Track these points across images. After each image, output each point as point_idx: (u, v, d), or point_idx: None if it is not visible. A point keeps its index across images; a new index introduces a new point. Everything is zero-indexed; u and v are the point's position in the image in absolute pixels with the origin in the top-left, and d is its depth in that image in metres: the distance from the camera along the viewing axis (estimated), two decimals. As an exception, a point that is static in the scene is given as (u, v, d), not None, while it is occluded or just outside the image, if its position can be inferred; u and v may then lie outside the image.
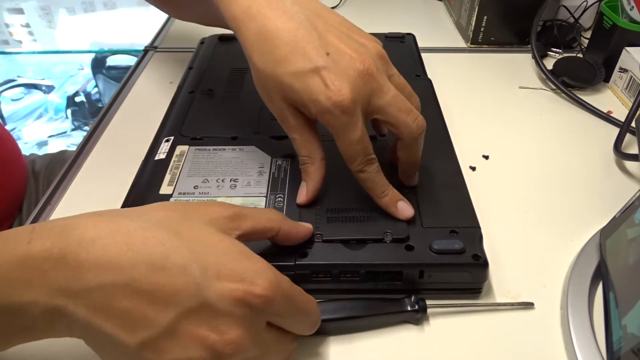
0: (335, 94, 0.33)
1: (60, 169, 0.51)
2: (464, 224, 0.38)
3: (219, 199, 0.40)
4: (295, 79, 0.34)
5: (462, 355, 0.35)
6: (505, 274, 0.40)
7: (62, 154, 0.72)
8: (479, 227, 0.38)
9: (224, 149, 0.46)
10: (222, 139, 0.47)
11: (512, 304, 0.37)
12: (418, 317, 0.36)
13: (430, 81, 0.55)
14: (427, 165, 0.43)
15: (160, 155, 0.45)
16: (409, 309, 0.35)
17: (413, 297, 0.36)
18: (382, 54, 0.37)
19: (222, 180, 0.42)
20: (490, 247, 0.42)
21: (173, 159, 0.45)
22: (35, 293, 0.25)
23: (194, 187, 0.42)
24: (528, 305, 0.37)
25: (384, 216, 0.38)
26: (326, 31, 0.36)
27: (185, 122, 0.49)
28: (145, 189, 0.42)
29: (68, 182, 0.49)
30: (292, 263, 0.36)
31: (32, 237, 0.26)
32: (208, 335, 0.26)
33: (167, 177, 0.43)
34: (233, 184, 0.42)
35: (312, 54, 0.34)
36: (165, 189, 0.42)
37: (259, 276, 0.27)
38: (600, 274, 0.38)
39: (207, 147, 0.46)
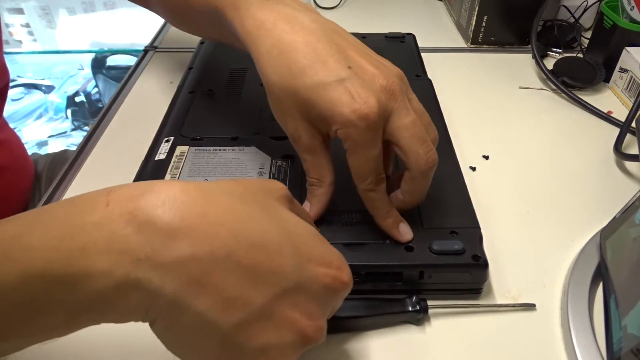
0: (362, 105, 0.31)
1: (61, 169, 0.51)
2: (464, 224, 0.38)
3: None
4: (315, 91, 0.32)
5: (462, 355, 0.35)
6: (505, 274, 0.40)
7: (64, 153, 0.72)
8: (479, 228, 0.38)
9: (224, 150, 0.46)
10: (222, 140, 0.47)
11: (513, 305, 0.37)
12: (419, 317, 0.36)
13: (430, 81, 0.55)
14: None
15: (161, 155, 0.45)
16: (410, 309, 0.35)
17: (414, 298, 0.36)
18: (402, 75, 0.35)
19: None
20: (490, 247, 0.42)
21: (173, 159, 0.45)
22: (111, 261, 0.22)
23: None
24: (529, 307, 0.37)
25: None
26: (346, 47, 0.34)
27: (186, 123, 0.49)
28: None
29: (68, 182, 0.49)
30: None
31: (109, 200, 0.23)
32: (300, 319, 0.25)
33: (167, 178, 0.43)
34: None
35: (334, 66, 0.33)
36: None
37: (342, 263, 0.27)
38: (600, 274, 0.38)
39: (207, 148, 0.46)
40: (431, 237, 0.37)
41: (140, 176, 0.44)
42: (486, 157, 0.51)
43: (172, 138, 0.47)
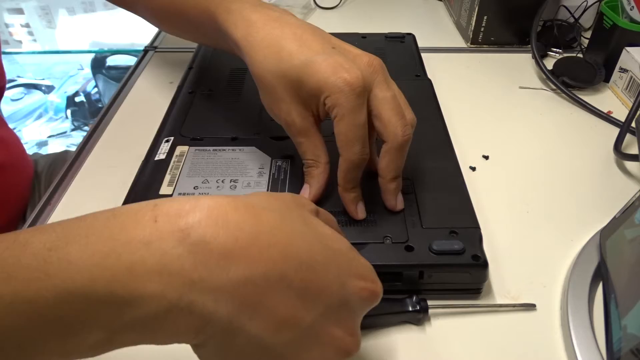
0: (346, 72, 0.34)
1: (61, 169, 0.51)
2: (464, 224, 0.38)
3: None
4: (304, 69, 0.35)
5: (463, 355, 0.35)
6: (505, 274, 0.40)
7: (65, 154, 0.72)
8: (478, 228, 0.38)
9: (224, 150, 0.46)
10: (222, 140, 0.47)
11: (514, 305, 0.37)
12: (419, 317, 0.36)
13: (430, 81, 0.56)
14: (427, 166, 0.43)
15: (160, 155, 0.45)
16: (410, 309, 0.36)
17: (414, 298, 0.36)
18: (382, 62, 0.37)
19: (222, 181, 0.42)
20: (490, 247, 0.42)
21: (173, 159, 0.45)
22: (163, 283, 0.20)
23: (194, 188, 0.42)
24: (530, 307, 0.37)
25: (384, 220, 0.39)
26: (330, 38, 0.38)
27: (186, 123, 0.49)
28: (145, 189, 0.42)
29: (68, 182, 0.49)
30: None
31: (157, 215, 0.22)
32: (342, 336, 0.25)
33: (167, 178, 0.43)
34: (233, 185, 0.42)
35: (319, 47, 0.36)
36: (165, 189, 0.42)
37: (375, 274, 0.28)
38: (600, 274, 0.38)
39: (207, 148, 0.46)
40: (431, 237, 0.37)
41: (140, 176, 0.44)
42: (486, 157, 0.51)
43: (172, 138, 0.47)
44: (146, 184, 0.42)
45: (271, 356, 0.24)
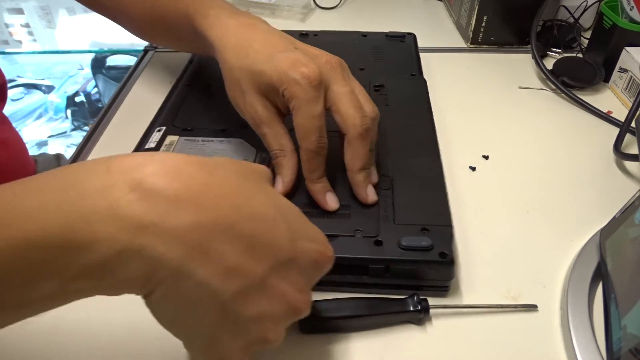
0: (304, 66, 0.37)
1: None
2: (437, 222, 0.38)
3: None
4: (266, 63, 0.38)
5: (463, 355, 0.35)
6: (505, 274, 0.40)
7: (64, 156, 0.72)
8: (450, 226, 0.38)
9: (212, 141, 0.47)
10: (212, 131, 0.48)
11: (515, 306, 0.37)
12: (420, 317, 0.36)
13: (424, 80, 0.56)
14: (409, 163, 0.44)
15: (151, 144, 0.47)
16: (411, 309, 0.36)
17: (415, 298, 0.36)
18: (343, 61, 0.40)
19: None
20: (490, 247, 0.42)
21: (162, 148, 0.46)
22: (115, 227, 0.21)
23: None
24: (531, 308, 0.37)
25: (357, 214, 0.39)
26: (294, 41, 0.41)
27: (179, 114, 0.51)
28: None
29: (68, 183, 0.49)
30: None
31: (110, 168, 0.23)
32: (291, 292, 0.26)
33: None
34: None
35: (282, 47, 0.39)
36: None
37: (326, 240, 0.29)
38: (600, 274, 0.38)
39: (196, 138, 0.47)
40: (402, 233, 0.37)
41: None
42: (486, 157, 0.51)
43: (164, 128, 0.48)
44: None
45: (219, 304, 0.24)
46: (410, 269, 0.36)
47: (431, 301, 0.36)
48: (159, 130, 0.48)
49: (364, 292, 0.37)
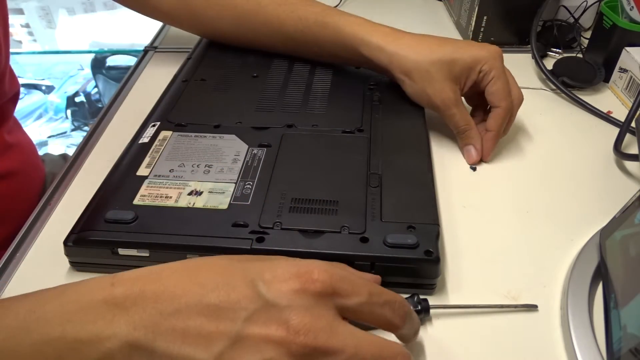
0: (490, 46, 0.48)
1: (61, 169, 0.51)
2: (423, 220, 0.38)
3: (190, 183, 0.42)
4: (456, 51, 0.47)
5: (463, 355, 0.35)
6: (505, 274, 0.40)
7: (67, 155, 0.72)
8: (437, 225, 0.38)
9: (205, 136, 0.47)
10: (205, 127, 0.48)
11: (515, 306, 0.37)
12: (420, 317, 0.36)
13: None
14: (399, 161, 0.44)
15: (144, 139, 0.47)
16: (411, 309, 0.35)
17: (415, 298, 0.36)
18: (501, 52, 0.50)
19: (197, 166, 0.43)
20: (490, 247, 0.42)
21: (155, 143, 0.46)
22: (116, 327, 0.26)
23: (170, 171, 0.43)
24: (531, 308, 0.37)
25: (344, 210, 0.39)
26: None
27: (174, 109, 0.51)
28: (124, 170, 0.44)
29: (68, 182, 0.49)
30: (249, 247, 0.36)
31: (114, 282, 0.28)
32: (274, 332, 0.26)
33: (147, 160, 0.44)
34: (207, 170, 0.43)
35: (449, 40, 0.50)
36: (142, 171, 0.43)
37: (314, 267, 0.28)
38: (600, 274, 0.38)
39: (190, 134, 0.47)
40: (388, 230, 0.37)
41: (123, 157, 0.45)
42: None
43: (159, 123, 0.49)
44: (126, 165, 0.44)
45: None
46: (395, 266, 0.36)
47: (431, 301, 0.36)
48: (153, 126, 0.48)
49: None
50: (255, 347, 0.26)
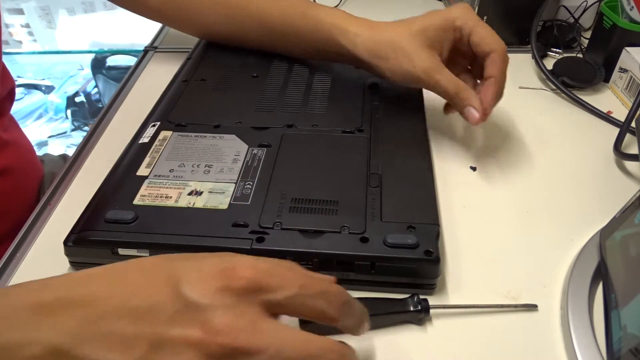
0: (462, 3, 0.48)
1: (61, 169, 0.51)
2: (423, 220, 0.38)
3: (190, 183, 0.42)
4: (425, 18, 0.48)
5: (463, 355, 0.35)
6: (505, 274, 0.40)
7: (67, 156, 0.72)
8: (437, 225, 0.38)
9: (205, 136, 0.47)
10: (205, 127, 0.48)
11: (515, 306, 0.37)
12: (420, 317, 0.36)
13: None
14: (399, 161, 0.44)
15: (144, 139, 0.47)
16: (411, 309, 0.36)
17: (416, 298, 0.36)
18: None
19: (197, 166, 0.43)
20: (490, 247, 0.42)
21: (155, 143, 0.46)
22: (40, 333, 0.26)
23: (170, 171, 0.43)
24: (531, 307, 0.37)
25: (344, 210, 0.39)
26: None
27: (175, 109, 0.51)
28: (124, 170, 0.44)
29: (68, 182, 0.49)
30: (249, 247, 0.36)
31: (43, 286, 0.27)
32: (194, 333, 0.25)
33: (147, 160, 0.44)
34: (207, 170, 0.43)
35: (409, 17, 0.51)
36: (142, 171, 0.43)
37: (239, 263, 0.27)
38: (600, 274, 0.38)
39: (190, 134, 0.47)
40: (388, 230, 0.37)
41: (123, 157, 0.45)
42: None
43: (159, 123, 0.49)
44: (125, 165, 0.44)
45: None
46: (395, 266, 0.36)
47: (431, 301, 0.36)
48: (153, 126, 0.48)
49: (350, 290, 0.37)
50: (174, 350, 0.25)
